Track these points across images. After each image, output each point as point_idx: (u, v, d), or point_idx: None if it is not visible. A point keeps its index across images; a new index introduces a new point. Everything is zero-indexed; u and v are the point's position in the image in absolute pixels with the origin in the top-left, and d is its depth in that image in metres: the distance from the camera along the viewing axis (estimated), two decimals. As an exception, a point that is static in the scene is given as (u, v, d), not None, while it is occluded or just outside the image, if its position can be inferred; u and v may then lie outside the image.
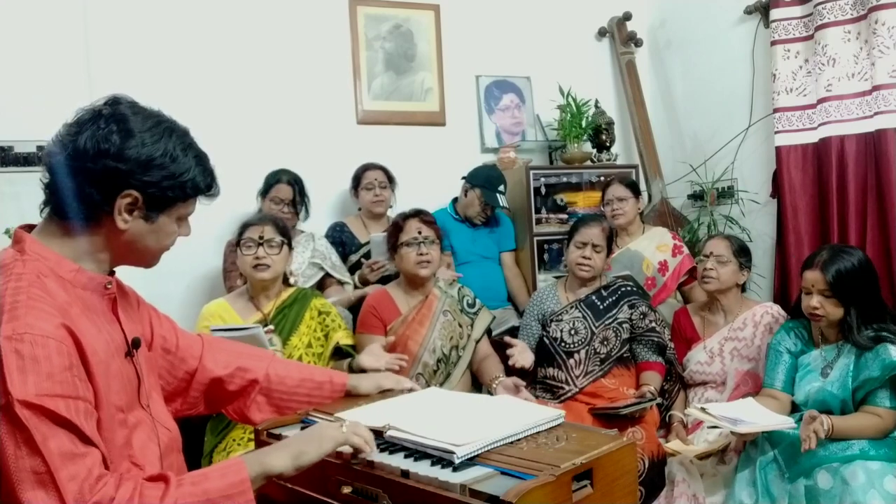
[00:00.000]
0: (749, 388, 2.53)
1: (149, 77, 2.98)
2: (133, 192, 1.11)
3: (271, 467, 1.13)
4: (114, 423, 1.10)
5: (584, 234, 2.66)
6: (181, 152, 1.16)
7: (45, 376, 0.98)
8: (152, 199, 1.13)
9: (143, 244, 1.18)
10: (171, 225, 1.19)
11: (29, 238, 1.12)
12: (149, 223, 1.15)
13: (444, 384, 2.52)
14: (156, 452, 1.19)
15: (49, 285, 1.07)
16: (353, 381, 1.63)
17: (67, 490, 0.96)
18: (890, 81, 2.75)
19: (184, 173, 1.15)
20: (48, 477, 0.95)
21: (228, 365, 1.47)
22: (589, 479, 1.15)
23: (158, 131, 1.14)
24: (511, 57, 3.81)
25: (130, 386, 1.18)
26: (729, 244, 2.63)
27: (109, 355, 1.12)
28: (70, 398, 1.00)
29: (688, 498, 2.24)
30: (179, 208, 1.19)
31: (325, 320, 2.42)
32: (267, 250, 2.32)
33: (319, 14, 3.41)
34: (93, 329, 1.09)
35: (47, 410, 0.97)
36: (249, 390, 1.48)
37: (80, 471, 0.98)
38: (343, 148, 3.40)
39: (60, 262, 1.11)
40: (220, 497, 1.05)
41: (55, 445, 0.96)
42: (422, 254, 2.49)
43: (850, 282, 2.11)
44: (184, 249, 1.38)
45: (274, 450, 1.18)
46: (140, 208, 1.13)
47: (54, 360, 0.99)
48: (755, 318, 2.60)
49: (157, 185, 1.13)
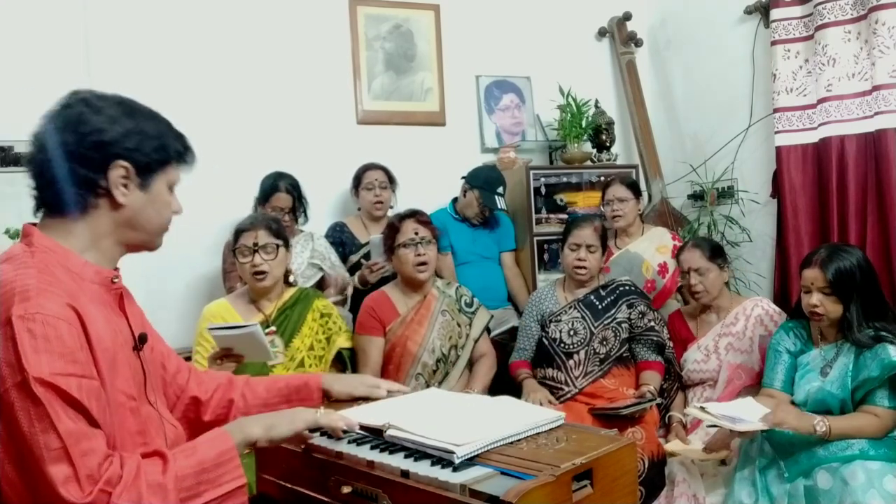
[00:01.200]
0: (742, 381, 2.54)
1: (149, 77, 2.99)
2: (121, 161, 1.14)
3: (250, 435, 1.21)
4: (124, 409, 1.13)
5: (577, 235, 2.66)
6: (150, 119, 1.21)
7: (58, 356, 1.01)
8: (141, 165, 1.17)
9: (145, 217, 1.20)
10: (164, 193, 1.22)
11: (37, 232, 1.15)
12: (145, 192, 1.18)
13: (443, 383, 2.53)
14: (163, 447, 1.19)
15: (58, 275, 1.10)
16: (327, 383, 1.57)
17: (80, 466, 0.99)
18: (890, 81, 2.75)
19: (160, 136, 1.20)
20: (63, 452, 0.99)
21: (207, 390, 1.48)
22: (589, 479, 1.15)
23: (125, 105, 1.19)
24: (511, 57, 3.81)
25: (138, 379, 1.21)
26: (701, 253, 2.62)
27: (117, 345, 1.14)
28: (82, 377, 1.03)
29: (688, 498, 2.24)
30: (168, 173, 1.22)
31: (328, 323, 2.42)
32: (263, 256, 2.29)
33: (319, 14, 3.41)
34: (100, 318, 1.11)
35: (60, 389, 1.00)
36: (227, 412, 1.48)
37: (89, 450, 1.01)
38: (343, 148, 3.40)
39: (68, 255, 1.14)
40: (212, 465, 1.12)
41: (67, 423, 1.00)
42: (419, 254, 2.49)
43: (849, 278, 2.11)
44: (184, 249, 1.40)
45: (251, 420, 1.25)
46: (133, 178, 1.16)
47: (66, 339, 1.02)
48: (746, 312, 2.62)
49: (141, 150, 1.16)
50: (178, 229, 2.80)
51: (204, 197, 3.08)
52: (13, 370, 0.99)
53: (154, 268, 2.90)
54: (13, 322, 1.00)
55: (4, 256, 1.13)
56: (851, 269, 2.12)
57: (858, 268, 2.13)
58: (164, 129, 1.22)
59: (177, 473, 1.07)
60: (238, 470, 1.14)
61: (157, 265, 2.94)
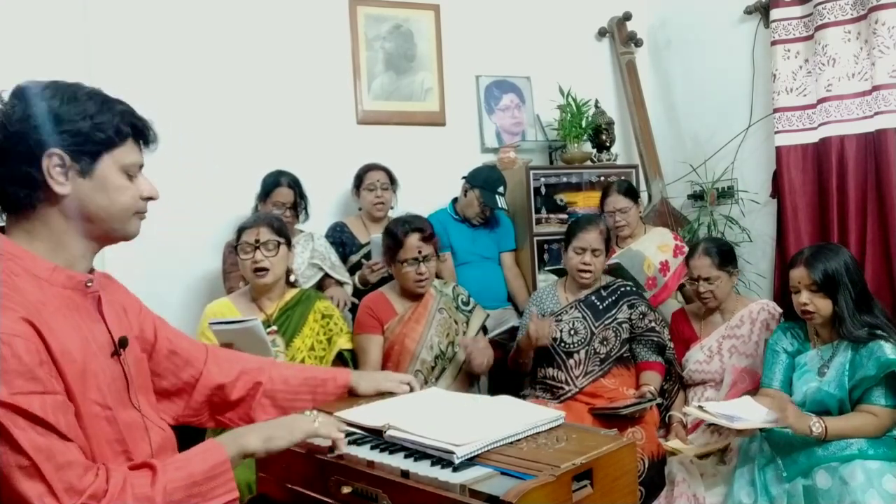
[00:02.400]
0: (746, 384, 2.53)
1: (150, 77, 2.99)
2: (53, 149, 1.08)
3: (246, 446, 1.18)
4: (98, 420, 1.10)
5: (583, 239, 2.64)
6: (87, 98, 1.12)
7: (15, 374, 0.98)
8: (75, 150, 1.09)
9: (96, 205, 1.13)
10: (115, 177, 1.14)
11: (2, 238, 1.11)
12: (87, 179, 1.11)
13: (440, 379, 2.53)
14: (147, 451, 1.19)
15: (20, 284, 1.06)
16: (354, 380, 1.63)
17: (56, 481, 0.98)
18: (890, 81, 2.75)
19: (96, 115, 1.11)
20: (34, 470, 0.97)
21: (231, 371, 1.47)
22: (589, 479, 1.15)
23: (57, 86, 1.11)
24: (511, 57, 3.81)
25: (117, 385, 1.17)
26: (711, 262, 2.57)
27: (89, 354, 1.11)
28: (44, 394, 1.00)
29: (688, 498, 2.24)
30: (115, 155, 1.13)
31: (329, 323, 2.42)
32: (264, 253, 2.29)
33: (319, 14, 3.41)
34: (67, 327, 1.08)
35: (21, 409, 0.97)
36: (254, 393, 1.49)
37: (65, 463, 0.99)
38: (343, 148, 3.40)
39: (35, 260, 1.10)
40: (204, 479, 1.09)
41: (34, 442, 0.98)
42: (420, 273, 2.49)
43: (834, 274, 2.14)
44: (183, 250, 1.39)
45: (248, 431, 1.22)
46: (69, 166, 1.09)
47: (23, 357, 0.99)
48: (752, 315, 2.61)
49: (74, 133, 1.09)
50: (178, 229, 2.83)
51: (204, 197, 3.09)
52: None
53: (154, 268, 2.91)
54: None
55: None
56: (836, 264, 2.15)
57: (842, 262, 2.16)
58: (102, 108, 1.12)
59: (165, 486, 1.05)
60: (230, 483, 1.12)
61: (156, 265, 2.96)
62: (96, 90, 1.15)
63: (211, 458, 1.12)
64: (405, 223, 2.54)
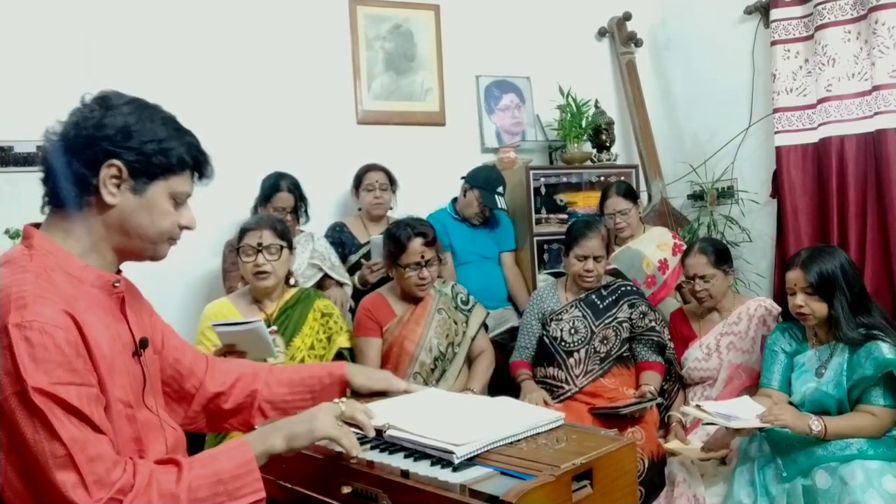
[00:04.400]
0: (742, 381, 2.54)
1: (150, 77, 2.98)
2: (115, 160, 1.11)
3: (272, 447, 1.18)
4: (121, 417, 1.12)
5: (585, 246, 2.63)
6: (161, 122, 1.16)
7: (55, 364, 1.00)
8: (136, 168, 1.13)
9: (137, 222, 1.16)
10: (163, 202, 1.17)
11: (37, 234, 1.13)
12: (137, 196, 1.14)
13: (441, 381, 2.52)
14: (162, 451, 1.19)
15: (56, 279, 1.08)
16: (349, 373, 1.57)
17: (87, 472, 0.99)
18: (890, 81, 2.75)
19: (164, 140, 1.15)
20: (69, 460, 0.98)
21: (227, 380, 1.47)
22: (589, 479, 1.15)
23: (139, 104, 1.16)
24: (511, 57, 3.81)
25: (136, 384, 1.19)
26: (707, 260, 2.58)
27: (115, 351, 1.13)
28: (81, 385, 1.02)
29: (688, 498, 2.25)
30: (170, 182, 1.17)
31: (328, 322, 2.42)
32: (267, 257, 2.29)
33: (319, 14, 3.41)
34: (98, 324, 1.10)
35: (59, 399, 0.99)
36: (251, 401, 1.48)
37: (96, 456, 1.00)
38: (343, 148, 3.40)
39: (68, 258, 1.12)
40: (230, 477, 1.09)
41: (70, 432, 0.99)
42: (423, 277, 2.48)
43: (830, 276, 2.14)
44: (183, 250, 1.38)
45: (273, 430, 1.21)
46: (125, 180, 1.13)
47: (63, 348, 1.01)
48: (749, 312, 2.61)
49: (139, 152, 1.12)
50: (178, 229, 2.72)
51: (203, 197, 3.08)
52: (12, 379, 0.98)
53: (154, 268, 2.90)
54: (10, 330, 0.99)
55: (3, 259, 1.11)
56: (832, 267, 2.15)
57: (839, 266, 2.15)
58: (171, 135, 1.16)
59: (191, 483, 1.05)
60: (258, 483, 1.11)
61: (156, 265, 2.95)
62: (171, 116, 1.20)
63: (236, 456, 1.12)
64: (408, 227, 2.51)
